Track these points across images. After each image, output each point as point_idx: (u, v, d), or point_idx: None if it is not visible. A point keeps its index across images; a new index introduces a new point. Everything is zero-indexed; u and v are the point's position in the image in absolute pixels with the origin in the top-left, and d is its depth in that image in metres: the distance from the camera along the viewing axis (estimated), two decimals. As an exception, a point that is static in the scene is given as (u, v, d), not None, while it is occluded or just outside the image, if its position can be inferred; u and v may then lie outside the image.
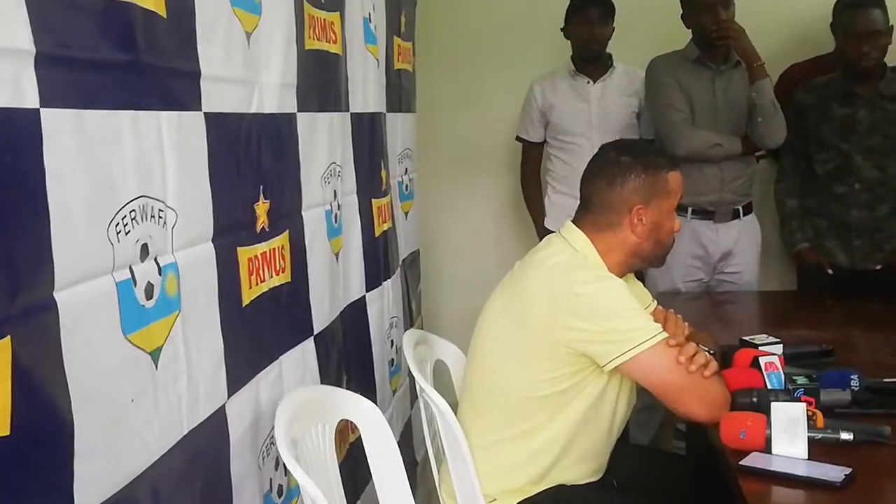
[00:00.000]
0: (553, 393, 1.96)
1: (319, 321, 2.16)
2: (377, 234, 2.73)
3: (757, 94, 3.20)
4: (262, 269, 1.82)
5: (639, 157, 2.04)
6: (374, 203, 2.71)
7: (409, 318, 3.26)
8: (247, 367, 1.74)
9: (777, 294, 3.70)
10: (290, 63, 1.98)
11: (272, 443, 1.81)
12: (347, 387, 2.31)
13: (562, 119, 3.70)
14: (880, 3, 3.16)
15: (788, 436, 1.72)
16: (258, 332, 1.80)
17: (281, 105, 1.93)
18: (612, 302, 1.91)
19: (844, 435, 1.74)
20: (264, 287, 1.83)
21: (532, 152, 3.89)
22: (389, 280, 2.86)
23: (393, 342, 2.92)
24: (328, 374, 2.18)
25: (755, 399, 1.85)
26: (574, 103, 3.69)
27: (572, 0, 3.64)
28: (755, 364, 1.99)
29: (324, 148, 2.21)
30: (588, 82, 3.69)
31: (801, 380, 1.94)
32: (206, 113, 1.57)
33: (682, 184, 2.06)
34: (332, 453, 1.87)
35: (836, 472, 1.62)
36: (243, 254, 1.73)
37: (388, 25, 2.95)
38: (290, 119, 2.00)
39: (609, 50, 3.70)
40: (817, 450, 1.71)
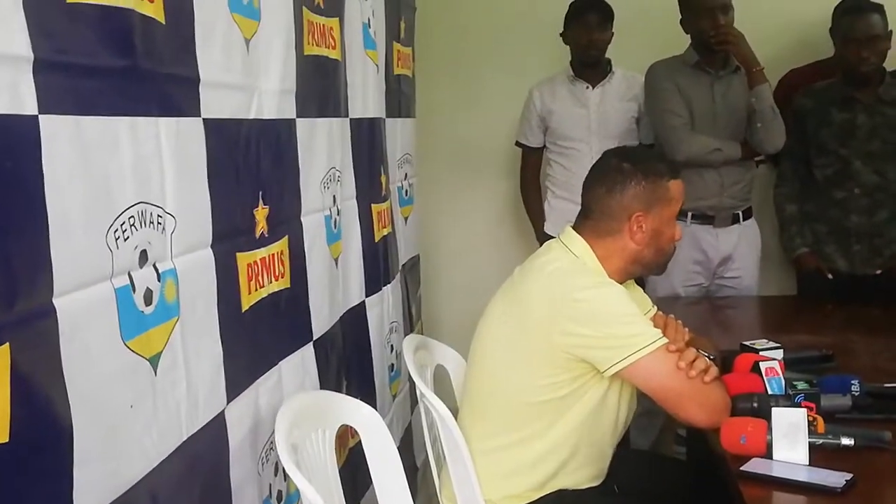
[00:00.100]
0: (553, 399, 1.96)
1: (319, 326, 2.15)
2: (377, 239, 2.73)
3: (756, 99, 3.20)
4: (262, 274, 1.82)
5: (640, 165, 2.03)
6: (374, 208, 2.71)
7: (409, 322, 3.26)
8: (246, 372, 1.74)
9: (777, 299, 3.69)
10: (290, 69, 1.98)
11: (272, 448, 1.81)
12: (347, 392, 2.31)
13: (561, 124, 3.70)
14: (879, 9, 3.16)
15: (789, 441, 1.71)
16: (257, 338, 1.79)
17: (280, 111, 1.93)
18: (611, 307, 1.91)
19: (845, 440, 1.73)
20: (263, 293, 1.83)
21: (531, 157, 3.89)
22: (389, 285, 2.86)
23: (393, 347, 2.91)
24: (328, 379, 2.18)
25: (756, 404, 1.85)
26: (573, 108, 3.69)
27: (571, 5, 3.64)
28: (755, 369, 1.99)
29: (323, 153, 2.21)
30: (587, 87, 3.69)
31: (801, 385, 1.94)
32: (205, 119, 1.57)
33: (683, 192, 2.06)
34: (333, 459, 1.87)
35: (836, 478, 1.62)
36: (242, 259, 1.73)
37: (387, 31, 2.95)
38: (290, 125, 2.00)
39: (608, 55, 3.69)
40: (818, 455, 1.71)
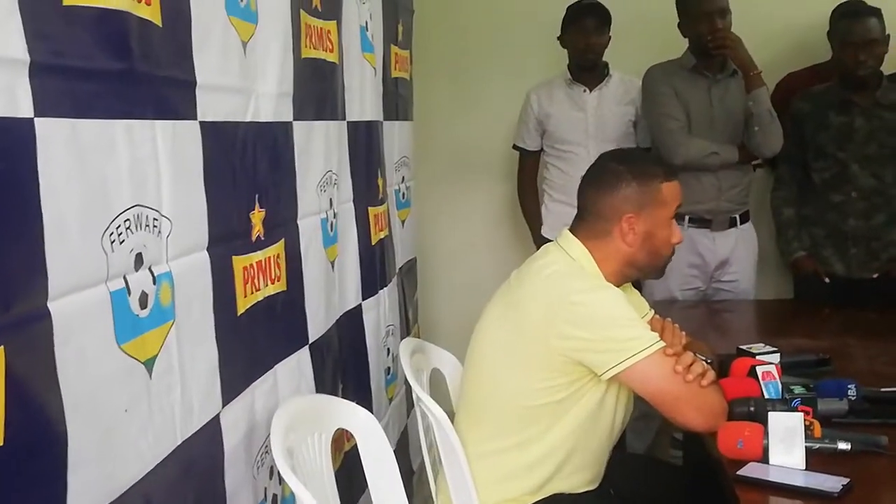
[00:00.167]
0: (550, 402, 1.95)
1: (315, 330, 2.15)
2: (373, 242, 2.72)
3: (753, 103, 3.20)
4: (258, 277, 1.81)
5: (632, 166, 2.03)
6: (371, 211, 2.71)
7: (406, 326, 3.25)
8: (241, 376, 1.73)
9: (774, 303, 3.69)
10: (287, 72, 1.98)
11: (267, 452, 1.80)
12: (343, 395, 2.31)
13: (558, 128, 3.70)
14: (877, 12, 3.17)
15: (786, 446, 1.71)
16: (253, 342, 1.79)
17: (277, 114, 1.93)
18: (608, 311, 1.90)
19: (842, 445, 1.73)
20: (259, 296, 1.82)
21: (529, 161, 3.89)
22: (386, 288, 2.85)
23: (389, 350, 2.91)
24: (323, 382, 2.17)
25: (752, 408, 1.85)
26: (570, 112, 3.69)
27: (568, 9, 3.64)
28: (752, 373, 1.99)
29: (320, 156, 2.21)
30: (584, 91, 3.69)
31: (798, 389, 1.93)
32: (202, 122, 1.56)
33: (679, 195, 2.04)
34: (329, 462, 1.86)
35: (833, 483, 1.62)
36: (238, 262, 1.73)
37: (385, 34, 2.95)
38: (286, 128, 2.00)
39: (605, 59, 3.69)
40: (815, 460, 1.70)
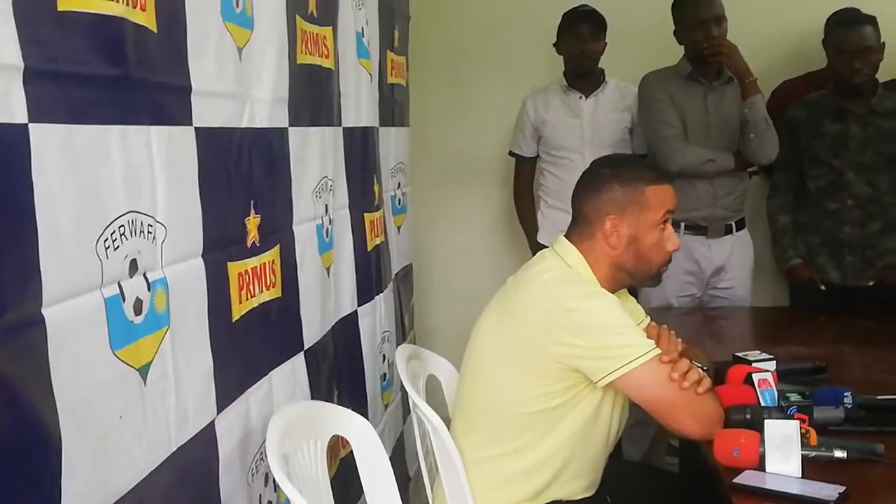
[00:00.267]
0: (546, 409, 1.95)
1: (310, 336, 2.14)
2: (369, 248, 2.72)
3: (749, 110, 3.20)
4: (253, 283, 1.81)
5: (618, 169, 2.05)
6: (367, 217, 2.70)
7: (402, 332, 3.25)
8: (236, 382, 1.73)
9: (769, 310, 3.70)
10: (282, 77, 1.98)
11: (262, 459, 1.80)
12: (338, 402, 2.30)
13: (554, 134, 3.71)
14: (872, 20, 3.17)
15: (782, 453, 1.71)
16: (248, 348, 1.78)
17: (272, 119, 1.93)
18: (604, 318, 1.90)
19: (838, 453, 1.73)
20: (254, 302, 1.82)
21: (525, 167, 3.89)
22: (382, 294, 2.85)
23: (385, 357, 2.90)
24: (319, 389, 2.17)
25: (748, 416, 1.85)
26: (566, 118, 3.70)
27: (564, 16, 3.65)
28: (748, 381, 1.99)
29: (315, 162, 2.21)
30: (580, 97, 3.70)
31: (794, 397, 1.94)
32: (197, 128, 1.56)
33: (666, 199, 2.01)
34: (324, 469, 1.86)
35: (829, 491, 1.62)
36: (233, 269, 1.72)
37: (381, 40, 2.95)
38: (282, 133, 2.00)
39: (601, 65, 3.70)
40: (811, 468, 1.70)
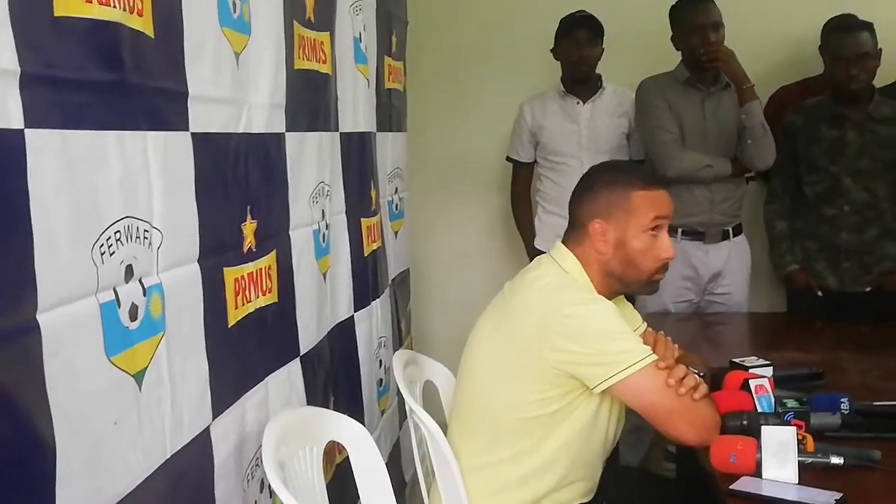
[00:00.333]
0: (543, 415, 1.95)
1: (306, 341, 2.14)
2: (366, 253, 2.72)
3: (746, 116, 3.20)
4: (249, 289, 1.81)
5: (607, 174, 2.06)
6: (364, 222, 2.70)
7: (399, 337, 3.24)
8: (232, 388, 1.72)
9: (767, 316, 3.70)
10: (280, 83, 1.98)
11: (257, 464, 1.79)
12: (335, 407, 2.30)
13: (551, 140, 3.71)
14: (868, 27, 3.17)
15: (779, 460, 1.70)
16: (244, 353, 1.78)
17: (269, 125, 1.93)
18: (601, 324, 1.90)
19: (835, 459, 1.72)
20: (251, 307, 1.82)
21: (522, 172, 3.89)
22: (378, 300, 2.84)
23: (382, 362, 2.90)
24: (315, 394, 2.17)
25: (745, 422, 1.84)
26: (564, 124, 3.70)
27: (561, 21, 3.65)
28: (745, 387, 1.98)
29: (312, 167, 2.21)
30: (578, 103, 3.70)
31: (791, 403, 1.93)
32: (194, 133, 1.56)
33: (655, 204, 1.98)
34: (320, 475, 1.85)
35: (826, 497, 1.61)
36: (230, 274, 1.72)
37: (378, 45, 2.95)
38: (279, 139, 2.00)
39: (599, 71, 3.71)
40: (807, 474, 1.70)
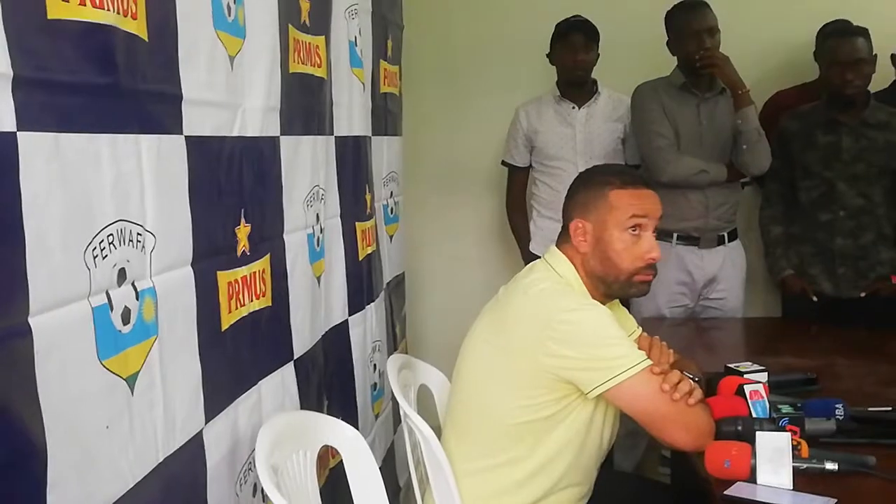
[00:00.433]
0: (537, 419, 1.94)
1: (300, 345, 2.14)
2: (361, 257, 2.71)
3: (742, 122, 3.21)
4: (242, 293, 1.80)
5: (589, 174, 2.11)
6: (358, 226, 2.70)
7: (393, 341, 3.24)
8: (225, 392, 1.72)
9: (762, 321, 3.70)
10: (274, 86, 1.98)
11: (250, 469, 1.79)
12: (328, 411, 2.29)
13: (547, 144, 3.71)
14: (863, 32, 3.18)
15: (773, 465, 1.70)
16: (237, 357, 1.78)
17: (264, 128, 1.92)
18: (595, 329, 1.89)
19: (829, 465, 1.72)
20: (244, 311, 1.81)
21: (517, 177, 3.89)
22: (373, 304, 2.84)
23: (376, 366, 2.90)
24: (308, 398, 2.16)
25: (740, 428, 1.84)
26: (559, 128, 3.70)
27: (557, 26, 3.65)
28: (740, 392, 1.98)
29: (307, 171, 2.20)
30: (573, 108, 3.70)
31: (785, 408, 1.93)
32: (188, 136, 1.56)
33: (633, 203, 1.98)
34: (314, 480, 1.85)
35: (821, 503, 1.61)
36: (223, 278, 1.72)
37: (374, 49, 2.95)
38: (273, 142, 1.99)
39: (594, 76, 3.71)
40: (802, 480, 1.70)
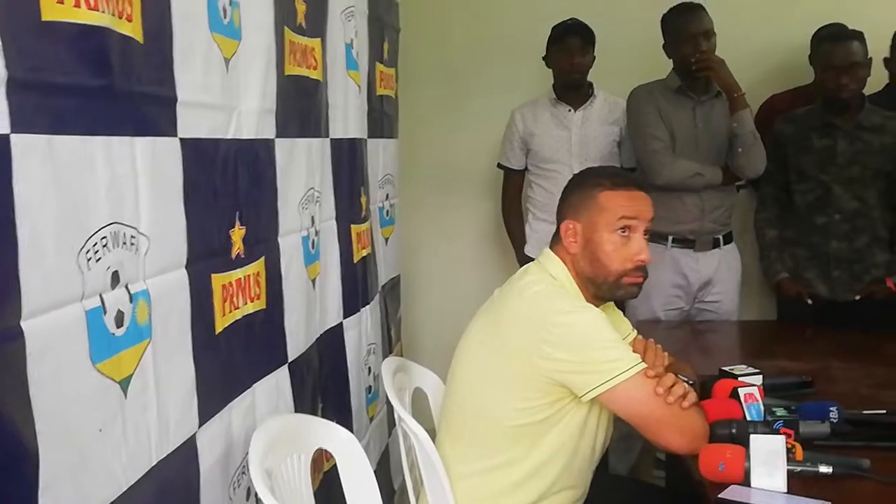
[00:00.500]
0: (531, 422, 1.94)
1: (294, 348, 2.13)
2: (356, 260, 2.71)
3: (737, 125, 3.21)
4: (237, 296, 1.80)
5: (581, 176, 2.13)
6: (354, 229, 2.70)
7: (388, 344, 3.23)
8: (219, 395, 1.71)
9: (757, 324, 3.70)
10: (270, 89, 1.97)
11: (243, 472, 1.78)
12: (323, 415, 2.29)
13: (542, 147, 3.71)
14: (858, 36, 3.18)
15: (767, 469, 1.70)
16: (231, 360, 1.77)
17: (259, 131, 1.92)
18: (590, 332, 1.89)
19: (823, 468, 1.72)
20: (238, 314, 1.81)
21: (513, 179, 3.89)
22: (368, 306, 2.84)
23: (371, 369, 2.89)
24: (303, 401, 2.15)
25: (734, 431, 1.84)
26: (555, 131, 3.70)
27: (552, 29, 3.66)
28: (734, 395, 1.98)
29: (302, 174, 2.20)
30: (569, 110, 3.70)
31: (780, 411, 1.93)
32: (182, 139, 1.55)
33: (622, 205, 1.98)
34: (308, 483, 1.84)
35: (814, 506, 1.61)
36: (217, 280, 1.71)
37: (370, 51, 2.95)
38: (269, 145, 1.99)
39: (590, 79, 3.71)
40: (796, 483, 1.70)
